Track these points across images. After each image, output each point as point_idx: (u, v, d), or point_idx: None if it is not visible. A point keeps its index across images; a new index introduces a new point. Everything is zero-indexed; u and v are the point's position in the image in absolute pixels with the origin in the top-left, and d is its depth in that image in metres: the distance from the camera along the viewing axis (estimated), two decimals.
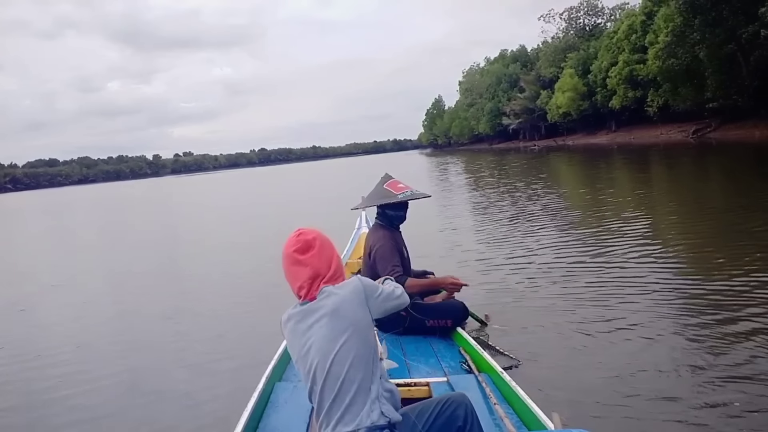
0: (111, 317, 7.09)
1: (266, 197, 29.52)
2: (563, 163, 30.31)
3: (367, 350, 1.96)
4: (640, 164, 24.27)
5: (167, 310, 6.86)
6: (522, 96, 75.55)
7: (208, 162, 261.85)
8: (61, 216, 32.05)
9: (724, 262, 6.11)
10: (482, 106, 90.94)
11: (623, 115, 52.45)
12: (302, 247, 2.04)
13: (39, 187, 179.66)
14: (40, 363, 5.33)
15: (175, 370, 4.79)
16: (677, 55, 35.71)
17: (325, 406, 1.91)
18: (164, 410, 3.98)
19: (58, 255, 14.64)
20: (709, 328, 4.22)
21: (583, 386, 3.53)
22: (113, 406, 4.12)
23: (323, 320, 1.96)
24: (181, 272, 9.87)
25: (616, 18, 60.19)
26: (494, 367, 3.09)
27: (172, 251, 12.78)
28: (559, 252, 7.55)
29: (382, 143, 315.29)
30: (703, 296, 5.03)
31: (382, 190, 3.87)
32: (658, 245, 7.29)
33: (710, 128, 37.17)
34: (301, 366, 2.01)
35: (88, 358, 5.40)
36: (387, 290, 2.15)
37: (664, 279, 5.70)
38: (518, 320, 4.90)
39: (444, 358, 3.52)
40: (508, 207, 13.20)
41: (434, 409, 2.02)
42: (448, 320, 3.85)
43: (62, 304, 8.02)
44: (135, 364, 5.05)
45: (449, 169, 36.08)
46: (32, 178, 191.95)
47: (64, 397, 4.41)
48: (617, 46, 49.29)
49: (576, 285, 5.83)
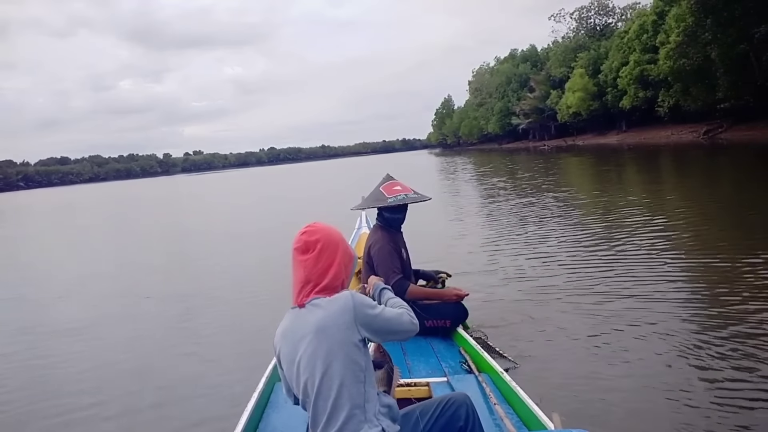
0: (121, 309, 7.19)
1: (283, 195, 29.53)
2: (575, 164, 30.14)
3: (356, 371, 1.84)
4: (653, 165, 24.08)
5: (177, 306, 6.95)
6: (532, 96, 75.29)
7: (217, 161, 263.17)
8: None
9: (732, 264, 6.03)
10: (492, 105, 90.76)
11: (634, 115, 52.12)
12: (302, 247, 1.96)
13: (51, 185, 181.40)
14: (45, 361, 5.38)
15: (175, 370, 4.82)
16: (689, 55, 35.46)
17: (319, 423, 1.85)
18: (164, 410, 4.00)
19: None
20: (711, 330, 4.19)
21: (583, 386, 3.52)
22: (113, 406, 4.15)
23: (309, 337, 1.85)
24: (198, 267, 9.95)
25: (627, 18, 59.86)
26: (494, 367, 3.08)
27: (188, 247, 12.87)
28: (560, 253, 7.53)
29: (391, 143, 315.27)
30: (708, 298, 5.00)
31: (378, 192, 3.81)
32: (663, 248, 7.22)
33: (722, 129, 36.84)
34: (291, 374, 1.93)
35: (91, 354, 5.45)
36: (390, 314, 1.94)
37: (665, 280, 5.66)
38: (518, 320, 4.90)
39: (444, 358, 3.51)
40: (511, 208, 13.16)
41: (435, 409, 2.01)
42: (448, 320, 3.83)
43: (80, 303, 8.10)
44: (137, 363, 5.09)
45: (457, 169, 36.01)
46: (44, 176, 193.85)
47: (65, 394, 4.45)
48: (628, 45, 49.01)
49: (576, 285, 5.83)
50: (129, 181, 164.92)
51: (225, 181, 66.50)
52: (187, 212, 25.57)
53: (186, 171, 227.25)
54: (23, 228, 25.80)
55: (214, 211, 24.22)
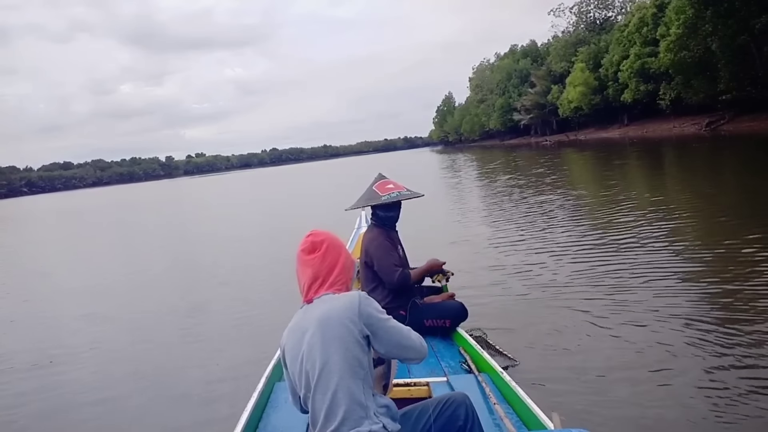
0: (128, 313, 7.20)
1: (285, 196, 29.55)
2: (577, 159, 30.09)
3: (356, 367, 1.85)
4: (657, 159, 24.02)
5: (180, 308, 7.02)
6: (533, 91, 75.14)
7: (220, 162, 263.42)
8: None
9: (736, 262, 5.97)
10: (493, 102, 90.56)
11: (635, 108, 51.92)
12: (308, 248, 2.03)
13: (54, 190, 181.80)
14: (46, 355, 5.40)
15: (175, 370, 4.84)
16: (689, 48, 35.34)
17: (319, 418, 1.86)
18: (164, 410, 4.02)
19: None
20: (713, 330, 4.15)
21: (583, 386, 3.51)
22: (113, 405, 4.17)
23: (312, 330, 1.89)
24: (202, 271, 9.97)
25: (627, 11, 59.61)
26: (494, 367, 3.07)
27: (192, 250, 12.89)
28: (561, 252, 7.50)
29: (392, 141, 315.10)
30: (711, 298, 4.94)
31: (370, 192, 3.84)
32: (667, 247, 7.15)
33: (724, 120, 36.67)
34: (295, 370, 1.96)
35: (91, 354, 5.49)
36: (399, 326, 1.98)
37: (667, 280, 5.61)
38: (519, 320, 4.90)
39: (444, 357, 3.51)
40: (513, 206, 13.16)
41: (435, 409, 2.00)
42: (447, 320, 3.83)
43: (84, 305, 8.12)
44: (137, 363, 5.11)
45: (460, 167, 35.97)
46: (47, 181, 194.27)
47: (65, 393, 4.48)
48: (628, 39, 48.83)
49: (577, 285, 5.81)
50: (132, 184, 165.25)
51: (227, 184, 66.59)
52: (191, 215, 25.63)
53: (188, 173, 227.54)
54: (37, 233, 25.89)
55: (217, 212, 24.28)
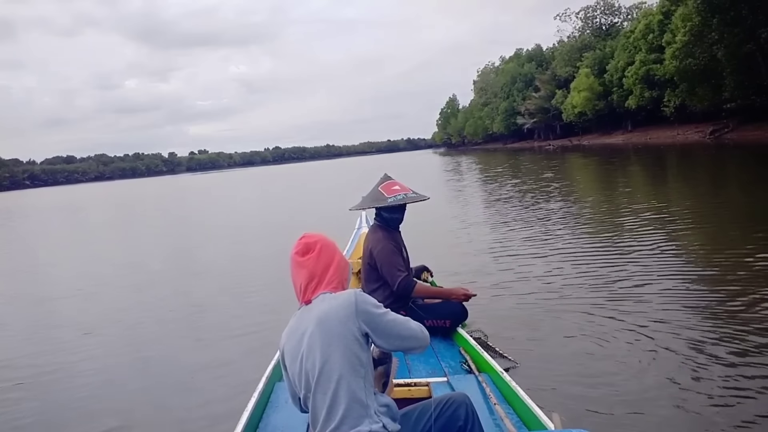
0: (122, 309, 7.20)
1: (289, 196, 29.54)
2: (581, 164, 30.05)
3: (356, 365, 1.86)
4: (660, 166, 23.98)
5: (180, 308, 7.01)
6: (537, 95, 75.12)
7: (223, 160, 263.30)
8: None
9: (739, 268, 5.94)
10: (497, 105, 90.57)
11: (639, 115, 51.94)
12: (302, 250, 2.04)
13: (56, 183, 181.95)
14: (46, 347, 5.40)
15: (175, 370, 4.83)
16: (695, 55, 35.31)
17: (319, 418, 1.86)
18: (164, 409, 4.02)
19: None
20: (715, 332, 4.16)
21: (583, 386, 3.51)
22: (113, 404, 4.17)
23: (311, 329, 1.90)
24: (203, 269, 10.00)
25: (633, 17, 59.59)
26: (494, 367, 3.07)
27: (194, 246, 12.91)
28: (562, 253, 7.51)
29: (395, 142, 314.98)
30: (713, 303, 4.94)
31: (376, 192, 3.80)
32: (668, 250, 7.18)
33: (728, 129, 36.67)
34: (295, 370, 1.96)
35: (92, 353, 5.47)
36: (398, 317, 1.98)
37: (669, 281, 5.63)
38: (519, 320, 4.90)
39: (444, 358, 3.51)
40: (516, 208, 13.15)
41: (435, 409, 2.00)
42: (447, 320, 3.82)
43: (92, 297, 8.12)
44: (137, 363, 5.10)
45: (463, 170, 35.94)
46: (50, 174, 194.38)
47: (64, 392, 4.48)
48: (634, 45, 48.81)
49: (578, 286, 5.82)
50: (134, 180, 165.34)
51: (230, 182, 66.62)
52: (195, 213, 25.65)
53: (191, 170, 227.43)
54: (41, 225, 25.94)
55: (220, 212, 24.29)
